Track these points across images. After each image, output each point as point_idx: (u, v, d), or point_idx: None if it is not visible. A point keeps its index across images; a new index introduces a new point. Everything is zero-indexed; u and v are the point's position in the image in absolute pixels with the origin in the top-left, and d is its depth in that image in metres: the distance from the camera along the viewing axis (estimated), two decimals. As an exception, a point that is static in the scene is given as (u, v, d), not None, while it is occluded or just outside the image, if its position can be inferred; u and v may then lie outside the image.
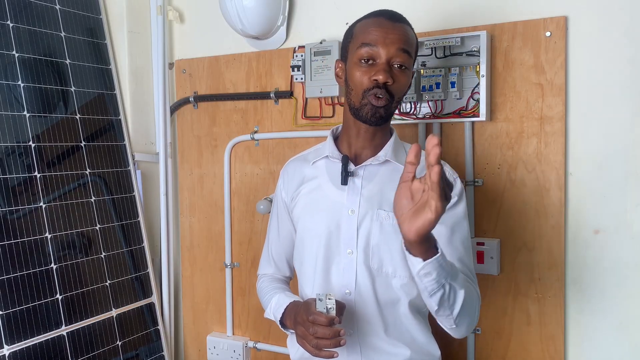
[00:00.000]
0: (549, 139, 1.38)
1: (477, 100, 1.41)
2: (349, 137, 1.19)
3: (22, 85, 1.50)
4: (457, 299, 0.97)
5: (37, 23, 1.56)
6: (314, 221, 1.19)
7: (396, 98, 1.12)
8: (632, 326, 1.34)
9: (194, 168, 1.95)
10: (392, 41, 1.08)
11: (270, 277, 1.35)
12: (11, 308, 1.37)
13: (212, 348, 1.90)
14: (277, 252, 1.35)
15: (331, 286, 1.16)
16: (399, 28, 1.10)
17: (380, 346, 1.14)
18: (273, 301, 1.22)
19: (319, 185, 1.20)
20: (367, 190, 1.14)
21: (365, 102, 1.11)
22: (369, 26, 1.11)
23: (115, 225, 1.69)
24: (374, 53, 1.09)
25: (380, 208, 1.12)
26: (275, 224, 1.34)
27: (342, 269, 1.14)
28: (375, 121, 1.12)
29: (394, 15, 1.13)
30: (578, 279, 1.38)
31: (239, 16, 1.63)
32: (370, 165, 1.16)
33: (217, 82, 1.87)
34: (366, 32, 1.11)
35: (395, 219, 1.02)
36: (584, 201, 1.36)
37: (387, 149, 1.17)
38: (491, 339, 1.48)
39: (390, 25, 1.10)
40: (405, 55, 1.09)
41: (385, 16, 1.12)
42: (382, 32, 1.09)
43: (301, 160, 1.28)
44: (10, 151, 1.45)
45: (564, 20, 1.34)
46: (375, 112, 1.10)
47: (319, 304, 1.01)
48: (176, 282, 2.00)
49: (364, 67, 1.10)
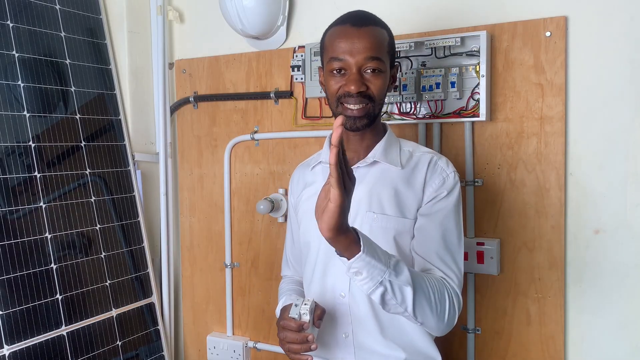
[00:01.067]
0: (549, 139, 1.38)
1: (477, 100, 1.41)
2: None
3: (22, 85, 1.50)
4: (405, 297, 0.95)
5: (37, 23, 1.56)
6: (310, 226, 1.20)
7: (377, 100, 1.12)
8: (632, 326, 1.34)
9: (194, 168, 1.95)
10: (359, 50, 1.07)
11: (290, 279, 1.40)
12: (11, 308, 1.37)
13: (212, 348, 1.90)
14: (293, 255, 1.39)
15: (327, 289, 1.17)
16: (364, 34, 1.08)
17: (375, 348, 1.13)
18: (280, 302, 1.26)
19: (316, 190, 1.21)
20: (356, 193, 1.13)
21: (340, 109, 1.12)
22: (335, 37, 1.11)
23: (115, 225, 1.69)
24: (344, 65, 1.09)
25: (369, 210, 1.13)
26: (290, 228, 1.38)
27: (336, 272, 1.15)
28: (357, 129, 1.13)
29: (360, 19, 1.11)
30: (578, 279, 1.38)
31: (239, 16, 1.63)
32: (359, 167, 1.16)
33: (217, 82, 1.87)
34: (334, 44, 1.10)
35: (384, 220, 1.03)
36: (584, 201, 1.36)
37: (376, 150, 1.16)
38: (491, 339, 1.48)
39: (356, 32, 1.08)
40: (375, 62, 1.08)
41: (350, 22, 1.10)
42: (348, 43, 1.08)
43: (305, 166, 1.32)
44: (10, 151, 1.45)
45: (564, 20, 1.34)
46: (354, 122, 1.11)
47: (293, 309, 1.04)
48: (176, 282, 2.00)
49: (337, 77, 1.11)
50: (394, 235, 1.12)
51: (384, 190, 1.13)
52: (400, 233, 1.12)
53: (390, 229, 1.11)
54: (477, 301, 1.49)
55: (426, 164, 1.15)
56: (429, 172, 1.14)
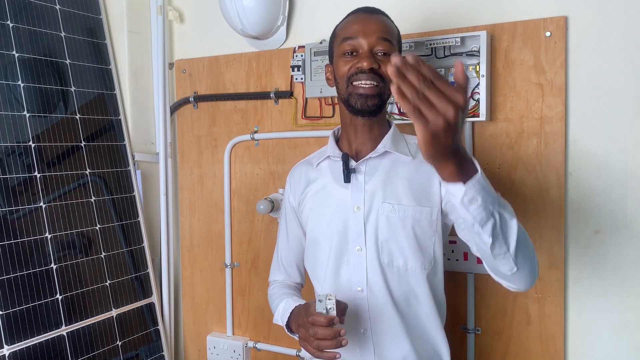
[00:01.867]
0: (549, 139, 1.38)
1: (477, 100, 1.41)
2: (348, 135, 1.20)
3: (22, 85, 1.50)
4: (510, 231, 0.87)
5: (37, 23, 1.56)
6: (321, 222, 1.19)
7: (388, 82, 1.10)
8: (632, 326, 1.34)
9: (194, 168, 1.95)
10: (371, 31, 1.11)
11: (281, 284, 1.35)
12: (11, 308, 1.37)
13: (212, 348, 1.90)
14: (287, 258, 1.35)
15: (341, 284, 1.16)
16: (377, 18, 1.13)
17: (394, 342, 1.12)
18: (280, 306, 1.22)
19: (323, 186, 1.21)
20: (370, 185, 1.14)
21: (350, 90, 1.12)
22: (348, 22, 1.15)
23: (115, 225, 1.69)
24: (356, 44, 1.11)
25: (384, 201, 1.12)
26: (284, 229, 1.34)
27: (352, 266, 1.14)
28: (368, 109, 1.12)
29: (372, 9, 1.17)
30: (578, 279, 1.38)
31: (239, 16, 1.63)
32: (371, 159, 1.16)
33: (217, 82, 1.87)
34: (346, 27, 1.14)
35: (401, 210, 1.04)
36: (584, 201, 1.36)
37: (386, 140, 1.16)
38: (491, 339, 1.48)
39: (368, 17, 1.14)
40: (387, 44, 1.11)
41: (362, 10, 1.17)
42: (361, 24, 1.12)
43: (306, 164, 1.29)
44: (10, 151, 1.45)
45: (564, 20, 1.34)
46: (366, 101, 1.11)
47: (318, 305, 1.01)
48: (176, 282, 2.00)
49: (348, 58, 1.13)
50: (412, 225, 1.11)
51: (398, 180, 1.13)
52: (418, 222, 1.11)
53: (408, 219, 1.11)
54: (477, 301, 1.48)
55: None
56: None
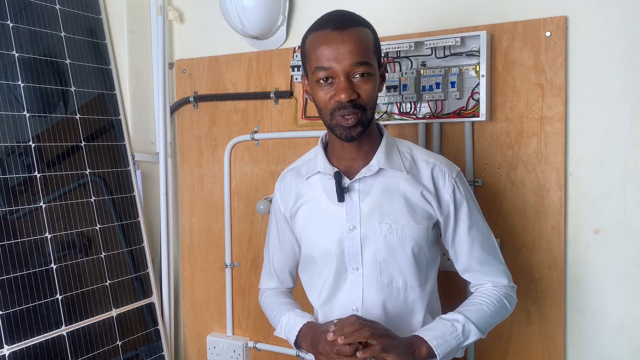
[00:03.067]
0: (549, 139, 1.38)
1: (477, 100, 1.41)
2: (336, 150, 1.15)
3: (22, 85, 1.50)
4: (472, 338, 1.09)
5: (37, 23, 1.56)
6: (316, 240, 1.17)
7: (369, 108, 1.06)
8: (632, 326, 1.34)
9: (194, 168, 1.95)
10: (344, 56, 1.01)
11: (274, 291, 1.33)
12: (11, 308, 1.37)
13: (212, 348, 1.90)
14: (279, 265, 1.32)
15: (337, 301, 1.16)
16: (348, 38, 1.02)
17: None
18: (283, 320, 1.21)
19: (316, 202, 1.17)
20: (365, 204, 1.12)
21: (335, 122, 1.06)
22: (317, 44, 1.04)
23: (115, 225, 1.69)
24: (330, 73, 1.03)
25: (382, 222, 1.10)
26: (275, 235, 1.30)
27: (349, 285, 1.14)
28: (353, 138, 1.07)
29: (341, 21, 1.04)
30: (578, 279, 1.38)
31: (239, 16, 1.63)
32: (365, 177, 1.12)
33: (217, 82, 1.87)
34: (317, 52, 1.04)
35: (399, 230, 1.08)
36: (584, 201, 1.36)
37: (379, 156, 1.12)
38: (491, 339, 1.48)
39: (339, 37, 1.02)
40: (363, 66, 1.02)
41: (331, 26, 1.03)
42: (332, 49, 1.02)
43: (295, 174, 1.23)
44: (10, 151, 1.45)
45: (564, 20, 1.34)
46: (349, 132, 1.06)
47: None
48: (176, 282, 2.00)
49: (325, 87, 1.05)
50: (411, 245, 1.10)
51: (394, 198, 1.11)
52: (416, 241, 1.10)
53: (407, 238, 1.10)
54: (477, 301, 1.48)
55: (429, 171, 1.13)
56: (435, 179, 1.13)
